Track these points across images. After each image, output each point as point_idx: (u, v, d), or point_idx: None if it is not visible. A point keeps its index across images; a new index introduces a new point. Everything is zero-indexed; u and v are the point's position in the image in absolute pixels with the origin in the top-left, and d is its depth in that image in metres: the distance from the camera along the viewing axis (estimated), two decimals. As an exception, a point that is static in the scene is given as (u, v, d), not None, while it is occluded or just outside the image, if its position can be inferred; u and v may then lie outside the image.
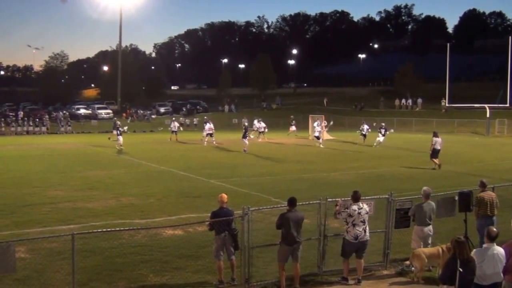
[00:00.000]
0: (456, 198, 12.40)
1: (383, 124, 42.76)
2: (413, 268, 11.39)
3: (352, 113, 73.92)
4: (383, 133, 40.29)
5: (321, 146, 39.75)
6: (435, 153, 28.28)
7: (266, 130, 46.93)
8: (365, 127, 42.31)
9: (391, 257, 12.15)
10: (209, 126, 41.52)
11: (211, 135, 41.41)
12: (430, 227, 11.87)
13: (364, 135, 42.05)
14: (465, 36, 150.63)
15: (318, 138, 40.69)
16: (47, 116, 66.83)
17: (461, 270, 7.78)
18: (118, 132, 37.95)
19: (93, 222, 15.51)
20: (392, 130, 47.51)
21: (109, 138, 40.12)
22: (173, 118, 53.35)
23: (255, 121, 47.86)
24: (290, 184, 22.77)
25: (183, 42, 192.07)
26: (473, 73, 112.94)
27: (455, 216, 12.66)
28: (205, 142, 41.01)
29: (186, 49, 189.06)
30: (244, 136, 36.56)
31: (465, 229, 11.86)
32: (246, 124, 44.11)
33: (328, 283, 11.12)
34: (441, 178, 24.43)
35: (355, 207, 10.97)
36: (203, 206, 17.35)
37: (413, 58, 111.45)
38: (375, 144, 39.66)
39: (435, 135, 28.99)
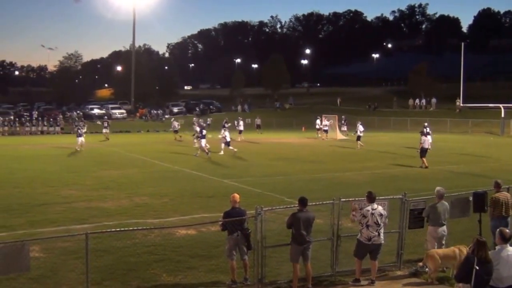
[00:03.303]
0: (470, 198, 12.30)
1: (425, 124, 40.99)
2: (427, 269, 11.31)
3: (366, 113, 73.63)
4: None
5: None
6: (423, 152, 28.40)
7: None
8: (360, 128, 39.64)
9: (405, 258, 12.09)
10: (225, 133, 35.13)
11: (228, 144, 34.85)
12: (444, 227, 11.79)
13: (359, 137, 39.26)
14: (479, 35, 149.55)
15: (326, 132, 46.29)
16: (61, 116, 67.27)
17: (477, 268, 7.71)
18: (79, 132, 37.48)
19: (106, 221, 15.56)
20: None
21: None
22: (173, 119, 55.10)
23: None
24: (303, 184, 22.73)
25: (196, 42, 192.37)
26: (487, 73, 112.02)
27: (469, 216, 12.57)
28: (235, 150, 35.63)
29: (199, 49, 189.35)
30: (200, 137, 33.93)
31: (480, 230, 11.76)
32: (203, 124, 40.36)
33: (341, 283, 11.08)
34: (455, 178, 24.29)
35: (369, 207, 10.90)
36: (216, 206, 17.34)
37: (427, 57, 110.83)
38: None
39: (424, 134, 29.27)
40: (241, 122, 49.13)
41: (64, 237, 12.22)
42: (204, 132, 34.38)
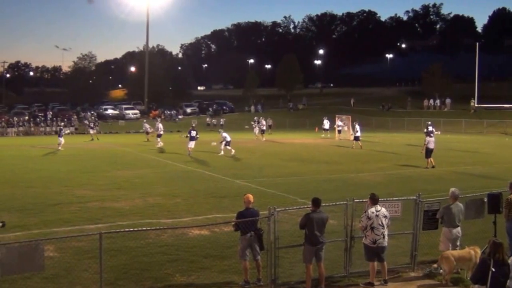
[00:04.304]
0: (485, 199, 12.20)
1: (429, 122, 43.14)
2: (441, 271, 11.23)
3: (379, 114, 73.41)
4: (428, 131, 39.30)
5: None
6: (428, 152, 28.38)
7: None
8: (357, 128, 39.97)
9: (419, 259, 12.01)
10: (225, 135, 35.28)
11: (228, 144, 34.72)
12: (459, 229, 11.70)
13: (357, 138, 39.43)
14: (494, 35, 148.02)
15: (339, 132, 45.93)
16: (75, 117, 67.72)
17: (493, 270, 7.65)
18: (60, 134, 39.14)
19: (120, 221, 15.62)
20: (438, 132, 46.01)
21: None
22: (144, 121, 56.17)
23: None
24: (316, 184, 22.69)
25: (209, 42, 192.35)
26: (502, 73, 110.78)
27: (484, 218, 12.47)
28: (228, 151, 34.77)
29: (212, 50, 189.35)
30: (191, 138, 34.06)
31: (495, 231, 11.66)
32: (193, 124, 40.70)
33: (354, 284, 11.04)
34: (470, 179, 24.10)
35: (373, 209, 10.84)
36: (229, 206, 17.38)
37: (442, 58, 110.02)
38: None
39: (428, 134, 29.30)
40: (264, 122, 49.78)
41: (78, 237, 12.29)
42: (193, 133, 34.32)
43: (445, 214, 11.60)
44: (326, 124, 53.00)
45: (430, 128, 40.91)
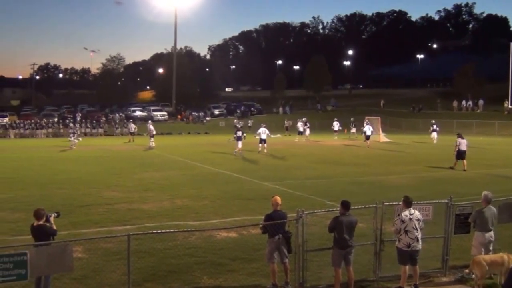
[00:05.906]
0: (520, 203, 11.94)
1: (433, 121, 46.02)
2: (473, 276, 10.98)
3: (410, 115, 72.61)
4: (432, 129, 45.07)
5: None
6: (460, 154, 28.02)
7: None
8: (367, 128, 43.30)
9: (450, 264, 11.79)
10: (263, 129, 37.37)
11: (262, 142, 36.94)
12: (492, 233, 11.45)
13: (368, 137, 42.61)
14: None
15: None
16: (104, 118, 68.38)
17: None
18: (73, 135, 41.91)
19: (148, 223, 15.67)
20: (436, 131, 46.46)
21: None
22: (131, 120, 57.84)
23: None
24: (345, 187, 22.49)
25: (237, 43, 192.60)
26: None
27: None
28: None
29: (240, 51, 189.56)
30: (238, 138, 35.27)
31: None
32: (238, 125, 42.77)
33: (384, 289, 10.87)
34: (503, 182, 23.66)
35: (406, 212, 10.66)
36: (256, 208, 17.30)
37: (474, 58, 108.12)
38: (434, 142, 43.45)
39: (460, 136, 28.94)
40: (300, 124, 50.85)
41: (106, 238, 12.35)
42: (239, 133, 35.41)
43: (477, 218, 11.37)
44: (336, 125, 52.85)
45: (435, 127, 44.84)
